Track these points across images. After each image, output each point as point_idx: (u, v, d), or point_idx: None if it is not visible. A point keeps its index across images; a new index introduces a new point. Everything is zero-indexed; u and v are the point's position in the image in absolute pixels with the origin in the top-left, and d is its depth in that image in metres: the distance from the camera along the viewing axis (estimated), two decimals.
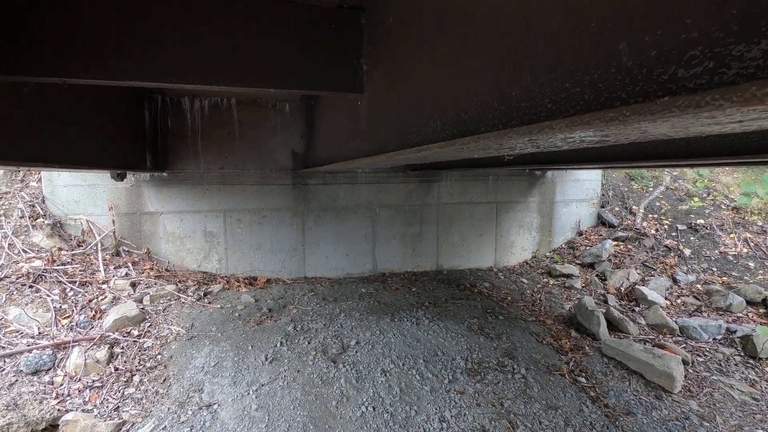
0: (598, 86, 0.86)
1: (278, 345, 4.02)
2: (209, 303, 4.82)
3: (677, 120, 0.63)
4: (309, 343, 4.08)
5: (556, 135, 0.88)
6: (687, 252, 6.12)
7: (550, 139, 0.97)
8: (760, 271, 5.58)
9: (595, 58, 0.87)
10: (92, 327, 4.01)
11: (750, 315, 4.94)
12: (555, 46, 0.98)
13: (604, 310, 4.83)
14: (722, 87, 0.55)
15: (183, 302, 4.72)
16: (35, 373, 3.44)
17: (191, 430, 2.99)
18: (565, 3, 0.94)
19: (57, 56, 1.99)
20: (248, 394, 3.35)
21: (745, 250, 5.99)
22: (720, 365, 4.14)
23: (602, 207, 7.38)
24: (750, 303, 5.09)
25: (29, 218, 4.98)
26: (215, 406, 3.22)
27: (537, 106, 1.03)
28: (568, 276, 6.16)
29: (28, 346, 3.63)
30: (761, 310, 4.97)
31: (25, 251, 4.66)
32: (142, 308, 4.37)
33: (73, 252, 4.93)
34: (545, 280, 6.27)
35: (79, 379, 3.44)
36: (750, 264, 5.75)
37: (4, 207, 5.06)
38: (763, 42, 0.58)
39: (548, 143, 1.04)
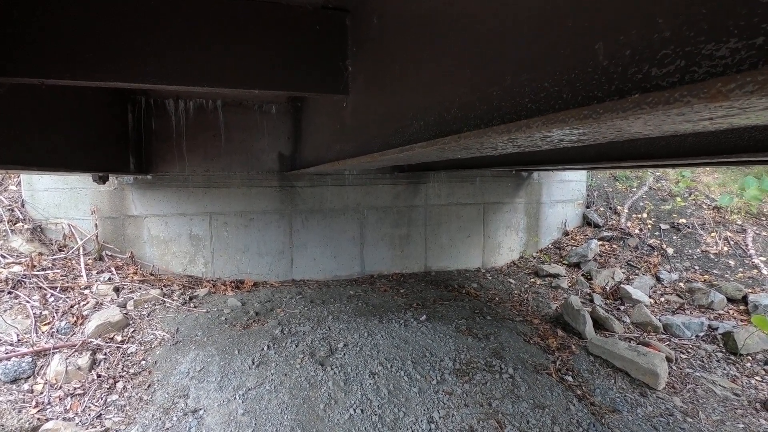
0: (576, 85, 0.87)
1: (265, 349, 3.98)
2: (195, 307, 4.75)
3: (649, 117, 0.64)
4: (296, 347, 4.05)
5: (534, 133, 0.89)
6: (670, 251, 6.23)
7: (529, 138, 0.98)
8: (740, 269, 5.70)
9: (573, 58, 0.88)
10: (74, 333, 3.92)
11: (731, 312, 5.04)
12: (534, 46, 0.99)
13: (590, 309, 4.89)
14: (691, 84, 0.55)
15: (168, 307, 4.64)
16: (14, 381, 3.35)
17: None
18: (544, 3, 0.95)
19: (34, 57, 1.94)
20: (235, 398, 3.31)
21: (725, 248, 6.12)
22: (702, 362, 4.21)
23: (588, 207, 7.48)
24: (731, 300, 5.20)
25: (8, 222, 4.86)
26: (201, 412, 3.17)
27: (517, 106, 1.04)
28: (555, 276, 6.22)
29: (7, 353, 3.53)
30: (741, 308, 5.08)
31: (3, 257, 4.54)
32: (126, 313, 4.28)
33: (54, 257, 4.81)
34: (532, 280, 6.32)
35: (60, 387, 3.35)
36: (730, 262, 5.88)
37: None
38: (731, 41, 0.59)
39: (528, 142, 1.05)
